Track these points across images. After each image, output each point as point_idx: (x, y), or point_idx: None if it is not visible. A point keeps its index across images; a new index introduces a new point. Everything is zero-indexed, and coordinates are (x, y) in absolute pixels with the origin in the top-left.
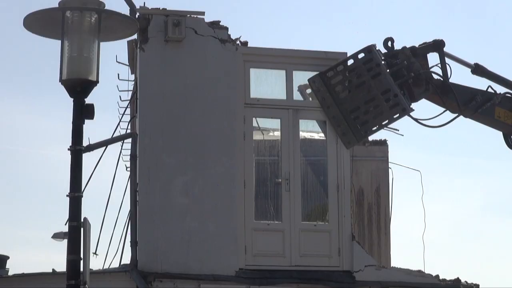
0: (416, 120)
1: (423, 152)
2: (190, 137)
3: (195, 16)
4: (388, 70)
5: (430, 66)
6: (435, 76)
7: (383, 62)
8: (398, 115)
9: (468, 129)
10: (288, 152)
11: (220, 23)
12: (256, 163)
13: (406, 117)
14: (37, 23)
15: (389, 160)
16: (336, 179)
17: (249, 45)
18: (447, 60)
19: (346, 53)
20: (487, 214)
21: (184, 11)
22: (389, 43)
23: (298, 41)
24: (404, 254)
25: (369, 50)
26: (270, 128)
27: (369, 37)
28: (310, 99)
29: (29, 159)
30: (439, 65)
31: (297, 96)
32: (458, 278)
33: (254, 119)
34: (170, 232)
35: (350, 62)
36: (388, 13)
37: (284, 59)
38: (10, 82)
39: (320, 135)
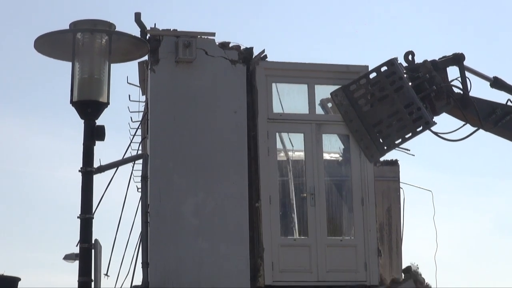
0: (436, 134)
1: (434, 172)
2: (201, 157)
3: (205, 37)
4: (410, 84)
5: (450, 79)
6: (455, 90)
7: (405, 75)
8: (421, 128)
9: (479, 148)
10: (312, 166)
11: (230, 44)
12: (280, 181)
13: (420, 135)
14: (48, 45)
15: (400, 180)
16: (360, 193)
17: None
18: (466, 73)
19: (367, 66)
20: (500, 233)
21: (195, 32)
22: (410, 57)
23: (311, 57)
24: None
25: (392, 63)
26: (290, 148)
27: (384, 50)
28: (332, 113)
29: (41, 181)
30: (459, 78)
31: (319, 110)
32: None
33: (277, 134)
34: (182, 253)
35: (373, 75)
36: (404, 27)
37: (305, 73)
38: (22, 104)
39: (341, 156)
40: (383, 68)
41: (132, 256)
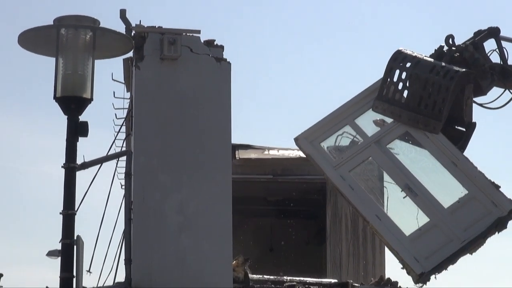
0: (480, 105)
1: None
2: (185, 155)
3: (190, 34)
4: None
5: (487, 52)
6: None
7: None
8: (453, 77)
9: (480, 161)
10: (397, 173)
11: (215, 42)
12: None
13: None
14: (32, 40)
15: (384, 179)
16: (447, 159)
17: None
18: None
19: (381, 80)
20: (500, 236)
21: (180, 29)
22: (450, 40)
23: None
24: (399, 273)
25: (399, 52)
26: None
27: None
28: (387, 121)
29: (25, 176)
30: (496, 50)
31: (370, 131)
32: None
33: (350, 173)
34: (165, 250)
35: (391, 72)
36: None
37: (339, 118)
38: (5, 99)
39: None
40: (395, 61)
41: (115, 253)
